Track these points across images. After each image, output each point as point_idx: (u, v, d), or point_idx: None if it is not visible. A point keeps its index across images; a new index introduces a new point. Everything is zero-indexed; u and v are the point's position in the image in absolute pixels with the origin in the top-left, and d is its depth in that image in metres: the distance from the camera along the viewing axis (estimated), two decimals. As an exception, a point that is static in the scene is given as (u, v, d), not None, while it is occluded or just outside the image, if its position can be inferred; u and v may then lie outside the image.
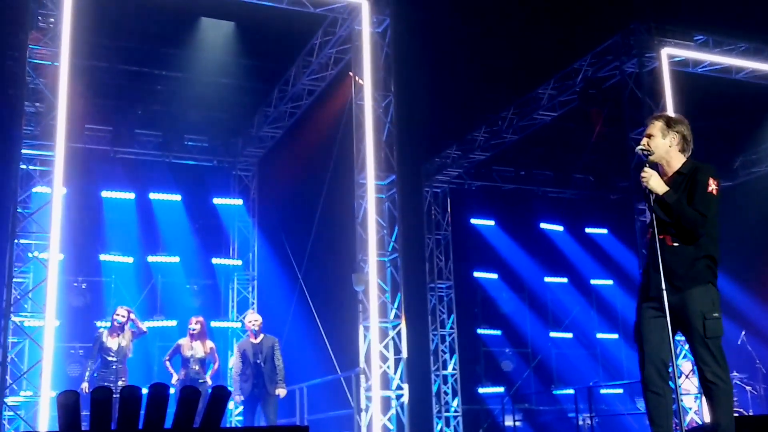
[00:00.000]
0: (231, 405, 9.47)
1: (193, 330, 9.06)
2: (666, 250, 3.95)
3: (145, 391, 2.89)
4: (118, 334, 8.70)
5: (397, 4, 9.78)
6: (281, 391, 8.60)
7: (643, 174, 3.98)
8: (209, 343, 9.25)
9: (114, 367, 8.53)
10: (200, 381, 8.82)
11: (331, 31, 10.31)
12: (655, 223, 3.96)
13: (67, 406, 2.78)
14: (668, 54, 10.98)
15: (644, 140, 4.14)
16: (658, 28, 10.96)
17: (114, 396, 2.92)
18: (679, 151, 4.10)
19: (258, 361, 8.64)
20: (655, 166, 4.12)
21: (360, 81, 9.68)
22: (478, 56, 11.62)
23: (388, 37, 9.78)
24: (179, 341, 9.17)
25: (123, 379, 8.54)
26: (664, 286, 3.87)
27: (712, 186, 3.96)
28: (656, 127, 4.13)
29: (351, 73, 9.90)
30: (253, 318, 9.00)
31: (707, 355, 3.86)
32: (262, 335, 8.83)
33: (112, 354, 8.58)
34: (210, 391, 3.27)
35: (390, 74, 9.76)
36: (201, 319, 9.30)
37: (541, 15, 11.42)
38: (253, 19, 10.20)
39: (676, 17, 11.29)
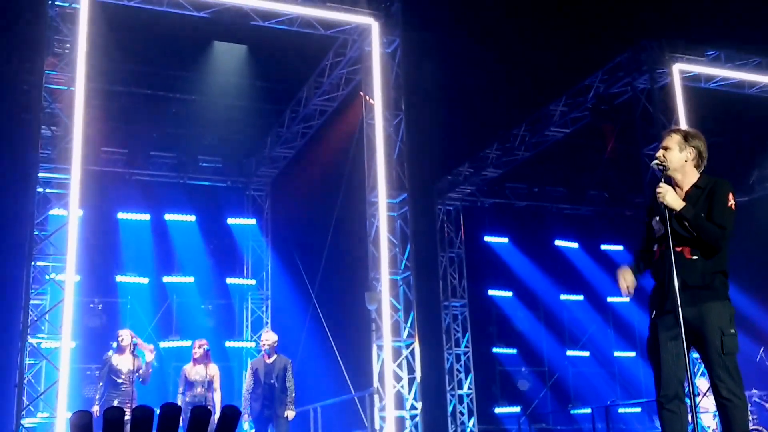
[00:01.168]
0: (245, 426, 9.42)
1: (196, 354, 9.04)
2: (684, 264, 3.90)
3: (157, 411, 2.91)
4: (125, 355, 8.72)
5: (406, 24, 9.87)
6: (290, 413, 8.53)
7: (659, 189, 3.94)
8: (213, 368, 9.15)
9: (123, 389, 8.54)
10: (207, 405, 8.77)
11: (342, 52, 10.41)
12: (670, 236, 3.92)
13: (81, 426, 2.80)
14: (680, 69, 10.97)
15: (660, 152, 4.10)
16: (669, 43, 10.97)
17: (126, 417, 2.94)
18: (695, 165, 4.08)
19: (270, 381, 8.60)
20: (669, 180, 4.11)
21: (371, 101, 9.75)
22: (489, 73, 11.67)
23: (398, 57, 9.86)
24: (184, 368, 9.15)
25: (131, 401, 8.50)
26: (680, 300, 3.81)
27: (731, 201, 3.96)
28: (673, 140, 4.11)
29: (362, 93, 9.98)
30: (265, 337, 8.95)
31: (723, 371, 3.81)
32: (275, 355, 8.79)
33: (122, 376, 8.60)
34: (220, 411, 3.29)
35: (400, 93, 9.83)
36: (204, 342, 9.23)
37: (552, 32, 11.47)
38: (264, 42, 10.34)
39: (688, 33, 11.30)
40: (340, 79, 10.81)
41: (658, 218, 4.04)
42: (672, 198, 3.93)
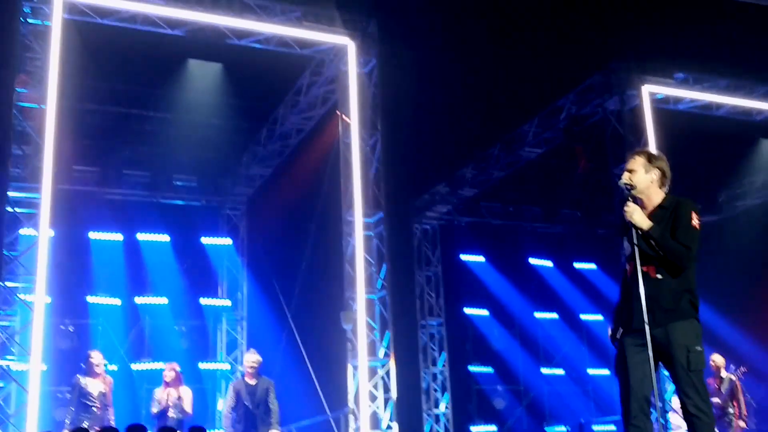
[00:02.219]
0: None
1: (167, 377, 8.93)
2: (650, 283, 3.99)
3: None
4: (95, 378, 8.59)
5: (383, 44, 9.94)
6: None
7: (626, 208, 4.05)
8: (185, 391, 9.03)
9: (93, 411, 8.40)
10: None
11: (319, 71, 10.44)
12: (637, 256, 4.00)
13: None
14: (649, 91, 11.18)
15: (626, 174, 4.22)
16: (639, 66, 11.18)
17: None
18: (659, 186, 4.21)
19: (254, 403, 8.50)
20: (635, 201, 4.20)
21: (347, 119, 9.78)
22: (465, 94, 11.77)
23: (374, 77, 9.92)
24: (155, 391, 9.03)
25: (102, 424, 8.36)
26: (647, 319, 3.90)
27: (695, 220, 4.06)
28: (638, 163, 4.23)
29: (338, 112, 10.01)
30: (252, 359, 8.80)
31: (690, 388, 3.90)
32: (258, 377, 8.68)
33: (92, 399, 8.46)
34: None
35: (377, 113, 9.88)
36: (174, 365, 9.14)
37: (525, 54, 11.61)
38: (240, 61, 10.32)
39: (657, 55, 11.52)
40: (316, 97, 10.83)
41: (626, 238, 4.13)
42: (639, 217, 4.04)
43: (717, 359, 10.18)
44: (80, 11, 8.77)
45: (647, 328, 3.89)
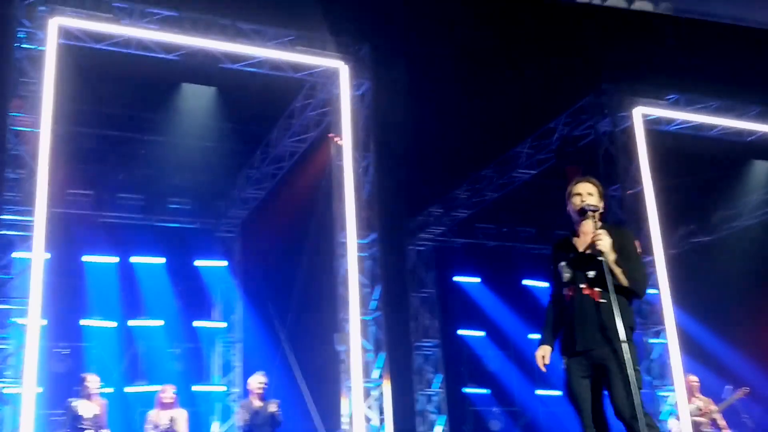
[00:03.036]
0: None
1: (163, 399, 8.92)
2: (594, 306, 4.03)
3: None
4: (88, 401, 8.57)
5: (375, 67, 10.04)
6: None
7: (598, 235, 4.01)
8: (179, 413, 9.03)
9: (87, 435, 8.38)
10: None
11: (312, 94, 10.53)
12: (609, 282, 3.96)
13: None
14: (641, 113, 11.25)
15: (588, 198, 4.21)
16: (631, 88, 11.28)
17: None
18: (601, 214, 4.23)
19: (258, 424, 8.57)
20: (575, 227, 4.23)
21: (340, 142, 9.85)
22: (457, 116, 11.87)
23: (367, 99, 10.00)
24: (149, 414, 9.01)
25: None
26: (590, 342, 3.99)
27: (639, 248, 4.22)
28: (594, 188, 4.27)
29: (331, 135, 10.08)
30: (259, 380, 8.89)
31: (627, 407, 3.91)
32: (263, 398, 8.78)
33: (85, 422, 8.44)
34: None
35: (369, 135, 9.95)
36: (170, 387, 9.14)
37: (517, 76, 11.72)
38: (234, 84, 10.41)
39: (648, 77, 11.62)
40: (309, 120, 10.91)
41: (564, 263, 4.15)
42: (609, 245, 4.01)
43: (691, 379, 10.17)
44: (75, 36, 8.86)
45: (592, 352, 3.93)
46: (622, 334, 3.92)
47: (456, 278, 15.01)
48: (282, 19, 9.59)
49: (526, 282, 15.35)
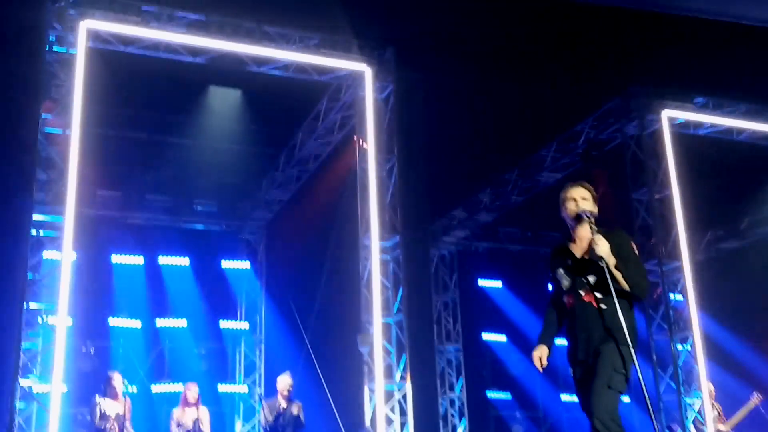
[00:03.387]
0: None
1: (188, 398, 9.02)
2: (596, 312, 4.00)
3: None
4: (113, 399, 8.68)
5: (399, 70, 10.06)
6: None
7: (597, 240, 3.97)
8: (203, 411, 9.14)
9: (111, 432, 8.49)
10: None
11: (336, 97, 10.58)
12: (613, 289, 3.93)
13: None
14: (669, 116, 11.15)
15: (580, 202, 4.18)
16: (658, 91, 11.18)
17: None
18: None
19: (283, 424, 8.67)
20: (570, 231, 4.20)
21: (364, 144, 9.88)
22: (482, 118, 11.85)
23: (391, 102, 10.03)
24: (173, 411, 9.11)
25: None
26: (591, 350, 3.98)
27: (636, 250, 4.13)
28: (588, 193, 4.24)
29: (355, 137, 10.12)
30: (287, 382, 9.04)
31: (600, 404, 3.88)
32: (289, 399, 8.89)
33: (110, 420, 8.55)
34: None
35: (393, 138, 9.97)
36: (194, 386, 9.26)
37: (543, 77, 11.68)
38: (259, 87, 10.51)
39: (676, 80, 11.51)
40: (334, 123, 10.96)
41: (562, 271, 4.11)
42: (607, 250, 3.96)
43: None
44: (104, 39, 9.00)
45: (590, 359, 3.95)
46: (625, 337, 3.89)
47: (479, 282, 14.95)
48: (307, 23, 9.67)
49: (550, 287, 15.25)
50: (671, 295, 10.57)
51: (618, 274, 3.95)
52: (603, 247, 3.94)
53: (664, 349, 10.45)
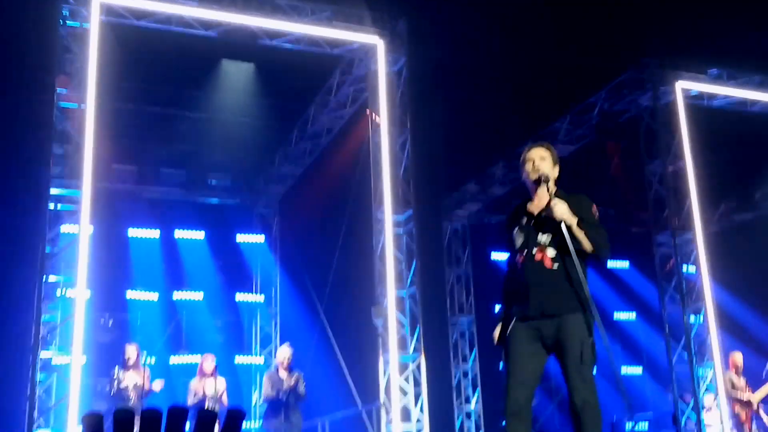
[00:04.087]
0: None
1: (205, 369, 9.16)
2: (545, 272, 3.93)
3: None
4: (131, 370, 8.84)
5: (412, 43, 10.03)
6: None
7: (554, 202, 3.93)
8: (221, 382, 9.28)
9: (130, 404, 8.64)
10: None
11: (349, 71, 10.58)
12: (571, 247, 3.89)
13: (92, 426, 2.89)
14: (683, 88, 11.09)
15: (538, 162, 4.12)
16: (672, 62, 11.11)
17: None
18: (556, 179, 4.15)
19: (284, 394, 8.79)
20: (530, 194, 4.14)
21: (377, 118, 9.90)
22: (494, 91, 11.81)
23: (403, 75, 10.02)
24: (191, 382, 9.26)
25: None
26: (541, 308, 3.90)
27: (597, 213, 4.08)
28: (547, 153, 4.17)
29: (368, 111, 10.13)
30: (287, 353, 9.13)
31: (580, 380, 3.86)
32: (289, 369, 8.99)
33: (128, 390, 8.71)
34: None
35: (406, 112, 9.97)
36: (211, 356, 9.39)
37: (556, 50, 11.61)
38: (272, 61, 10.51)
39: (690, 51, 11.42)
40: (346, 97, 10.97)
41: (516, 228, 4.07)
42: (567, 210, 3.92)
43: (736, 358, 10.07)
44: (117, 13, 9.03)
45: (545, 316, 3.86)
46: (570, 304, 3.88)
47: (492, 255, 14.98)
48: (319, -5, 9.65)
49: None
50: (684, 267, 10.59)
51: (580, 234, 3.91)
52: (561, 208, 3.91)
53: (677, 320, 10.49)
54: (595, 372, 3.94)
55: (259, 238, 13.82)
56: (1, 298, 10.40)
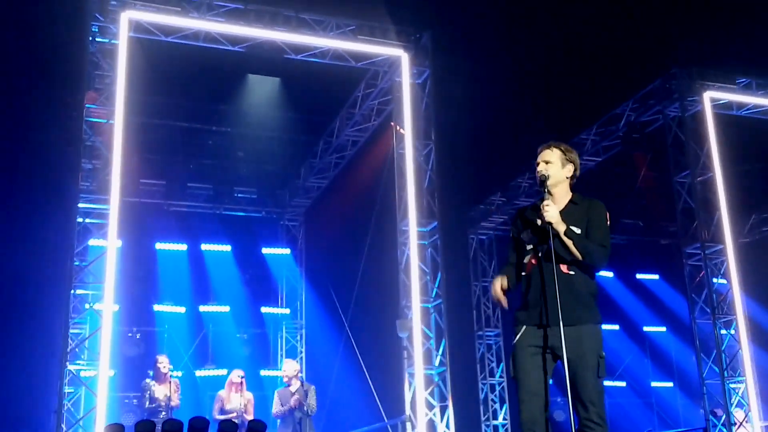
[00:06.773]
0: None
1: (238, 382, 9.19)
2: (561, 279, 3.79)
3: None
4: (161, 382, 8.89)
5: (436, 55, 10.04)
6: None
7: (545, 204, 3.85)
8: (248, 396, 9.31)
9: (161, 416, 8.69)
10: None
11: (373, 84, 10.61)
12: (554, 254, 3.80)
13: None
14: (711, 97, 10.95)
15: (542, 165, 4.04)
16: (700, 72, 10.97)
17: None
18: (570, 182, 4.06)
19: (296, 408, 8.77)
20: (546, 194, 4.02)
21: (401, 130, 9.90)
22: (519, 103, 11.76)
23: (427, 87, 10.03)
24: (219, 393, 9.30)
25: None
26: (554, 317, 3.74)
27: (608, 221, 3.96)
28: (555, 155, 4.06)
29: (392, 123, 10.15)
30: (294, 367, 9.14)
31: (596, 395, 3.75)
32: (299, 383, 8.96)
33: (159, 403, 8.76)
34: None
35: (430, 123, 9.97)
36: (240, 372, 9.43)
37: (582, 61, 11.55)
38: (297, 75, 10.59)
39: (718, 61, 11.29)
40: (371, 109, 11.00)
41: (530, 230, 3.95)
42: (556, 216, 3.83)
43: None
44: (145, 29, 9.16)
45: (561, 327, 3.70)
46: (585, 315, 3.79)
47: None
48: (343, 9, 9.71)
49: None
50: (714, 279, 10.42)
51: (568, 242, 3.81)
52: (551, 213, 3.82)
53: (707, 333, 10.31)
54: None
55: (285, 251, 13.88)
56: (30, 311, 10.54)
